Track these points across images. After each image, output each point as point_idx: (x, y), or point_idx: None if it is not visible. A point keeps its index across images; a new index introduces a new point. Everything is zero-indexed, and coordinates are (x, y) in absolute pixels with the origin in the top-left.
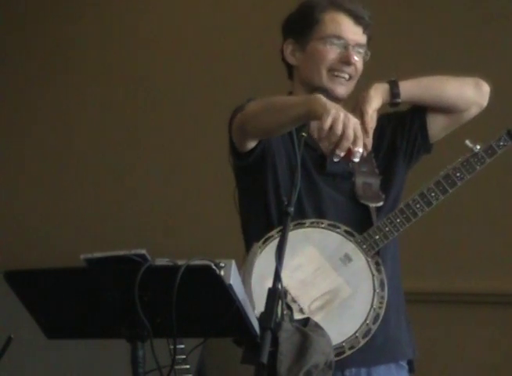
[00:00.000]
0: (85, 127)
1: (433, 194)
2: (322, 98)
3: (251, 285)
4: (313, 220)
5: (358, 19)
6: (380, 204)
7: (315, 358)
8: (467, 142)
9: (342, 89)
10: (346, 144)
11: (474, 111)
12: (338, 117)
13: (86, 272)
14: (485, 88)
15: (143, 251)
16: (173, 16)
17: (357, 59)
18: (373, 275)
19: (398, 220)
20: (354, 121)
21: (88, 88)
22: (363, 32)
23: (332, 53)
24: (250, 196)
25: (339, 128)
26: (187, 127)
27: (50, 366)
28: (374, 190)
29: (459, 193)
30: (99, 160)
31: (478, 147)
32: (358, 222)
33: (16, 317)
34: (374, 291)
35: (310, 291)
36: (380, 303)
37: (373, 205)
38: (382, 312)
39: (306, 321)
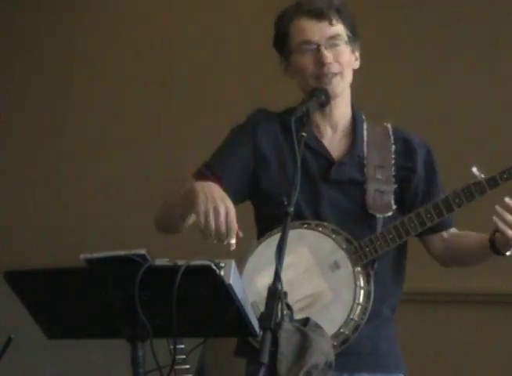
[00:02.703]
0: (85, 127)
1: (428, 216)
2: (194, 189)
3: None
4: (318, 222)
5: (319, 15)
6: (389, 214)
7: (315, 358)
8: (474, 169)
9: (333, 87)
10: (221, 237)
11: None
12: (207, 212)
13: (86, 272)
14: None
15: (143, 251)
16: (180, 15)
17: (329, 56)
18: (356, 285)
19: (391, 236)
20: (223, 212)
21: (87, 89)
22: (330, 23)
23: (308, 62)
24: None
25: (211, 224)
26: (188, 127)
27: (50, 366)
28: (385, 199)
29: None
30: (99, 159)
31: (483, 176)
32: (363, 230)
33: (16, 317)
34: (354, 301)
35: (295, 291)
36: (363, 314)
37: (380, 216)
38: (363, 322)
39: (306, 321)
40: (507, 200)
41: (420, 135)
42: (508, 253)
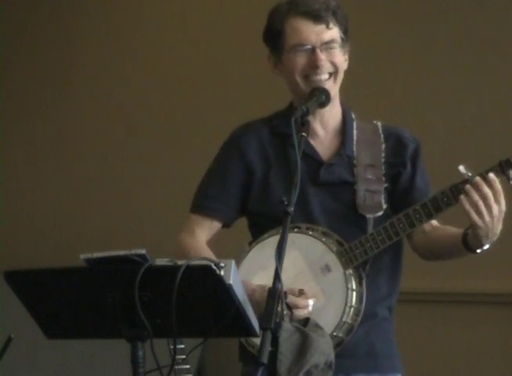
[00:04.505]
0: (85, 127)
1: (417, 216)
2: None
3: None
4: (308, 225)
5: (316, 18)
6: (379, 214)
7: (316, 358)
8: (461, 167)
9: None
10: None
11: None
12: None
13: (86, 272)
14: None
15: (143, 251)
16: (174, 17)
17: (324, 58)
18: (347, 288)
19: (380, 237)
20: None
21: (89, 91)
22: (327, 27)
23: (300, 60)
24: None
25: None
26: (188, 127)
27: (50, 366)
28: (376, 199)
29: None
30: (99, 160)
31: (470, 174)
32: (354, 231)
33: (16, 317)
34: (345, 304)
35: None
36: (356, 316)
37: (370, 216)
38: (357, 324)
39: (306, 321)
40: (477, 179)
41: (411, 131)
42: (479, 251)
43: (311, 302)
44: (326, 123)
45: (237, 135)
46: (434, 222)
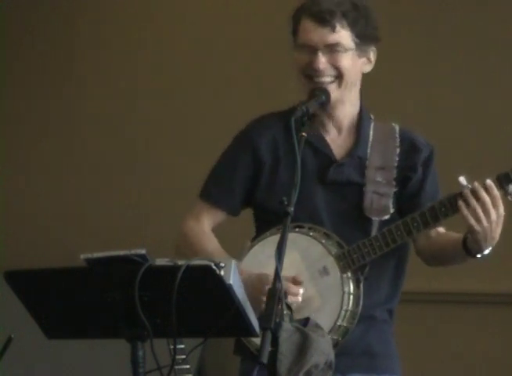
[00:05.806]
0: (85, 127)
1: (415, 224)
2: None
3: None
4: (311, 225)
5: (322, 21)
6: (386, 217)
7: (316, 358)
8: (462, 178)
9: (329, 92)
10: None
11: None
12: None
13: (86, 272)
14: None
15: (143, 251)
16: (175, 16)
17: (324, 61)
18: (343, 292)
19: (378, 244)
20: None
21: (89, 91)
22: (333, 30)
23: (302, 59)
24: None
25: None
26: (188, 127)
27: (50, 366)
28: (383, 202)
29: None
30: (99, 160)
31: (470, 187)
32: (357, 233)
33: (16, 317)
34: (341, 308)
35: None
36: (352, 319)
37: (376, 219)
38: (353, 326)
39: (306, 321)
40: (475, 185)
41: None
42: (479, 255)
43: (301, 291)
44: (340, 123)
45: (250, 127)
46: (441, 229)
